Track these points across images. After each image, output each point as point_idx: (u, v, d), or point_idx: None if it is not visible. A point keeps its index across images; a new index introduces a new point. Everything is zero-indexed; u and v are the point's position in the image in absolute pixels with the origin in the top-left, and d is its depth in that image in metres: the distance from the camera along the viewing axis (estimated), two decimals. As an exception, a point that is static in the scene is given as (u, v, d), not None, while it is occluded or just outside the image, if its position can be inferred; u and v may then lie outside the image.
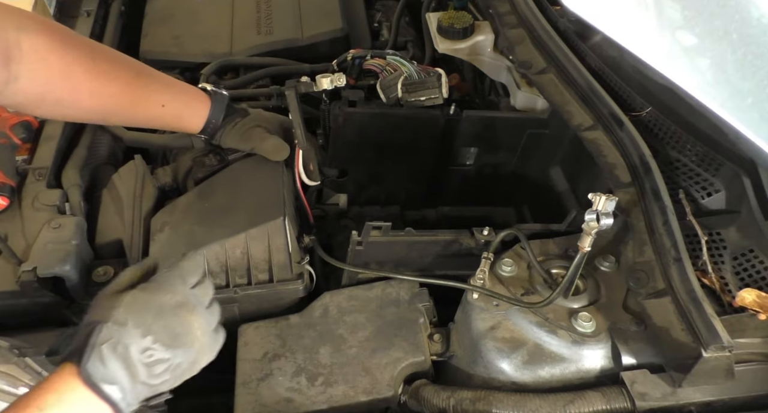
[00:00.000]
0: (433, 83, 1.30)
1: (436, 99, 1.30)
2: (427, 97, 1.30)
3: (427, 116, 1.32)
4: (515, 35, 1.32)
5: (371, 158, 1.40)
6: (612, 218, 0.87)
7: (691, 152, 1.04)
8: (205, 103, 1.14)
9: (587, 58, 1.17)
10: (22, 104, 0.97)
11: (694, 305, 0.85)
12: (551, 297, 0.95)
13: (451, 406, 0.93)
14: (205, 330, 0.82)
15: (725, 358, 0.83)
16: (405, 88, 1.30)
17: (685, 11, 0.81)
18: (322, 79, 1.18)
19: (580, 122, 1.12)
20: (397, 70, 1.33)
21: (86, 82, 0.99)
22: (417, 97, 1.29)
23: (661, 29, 0.79)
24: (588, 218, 0.87)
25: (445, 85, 1.30)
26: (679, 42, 0.80)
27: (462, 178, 1.49)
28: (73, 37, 1.01)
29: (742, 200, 0.97)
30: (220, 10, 1.71)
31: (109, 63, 1.03)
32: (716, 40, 0.82)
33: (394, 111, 1.31)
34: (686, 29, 0.81)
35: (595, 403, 0.88)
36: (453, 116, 1.33)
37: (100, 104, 1.02)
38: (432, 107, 1.32)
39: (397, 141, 1.36)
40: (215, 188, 1.18)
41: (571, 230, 1.10)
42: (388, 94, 1.31)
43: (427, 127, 1.34)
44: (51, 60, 0.94)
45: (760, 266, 0.95)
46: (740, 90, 0.82)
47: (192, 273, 0.84)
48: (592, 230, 0.88)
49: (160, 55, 1.58)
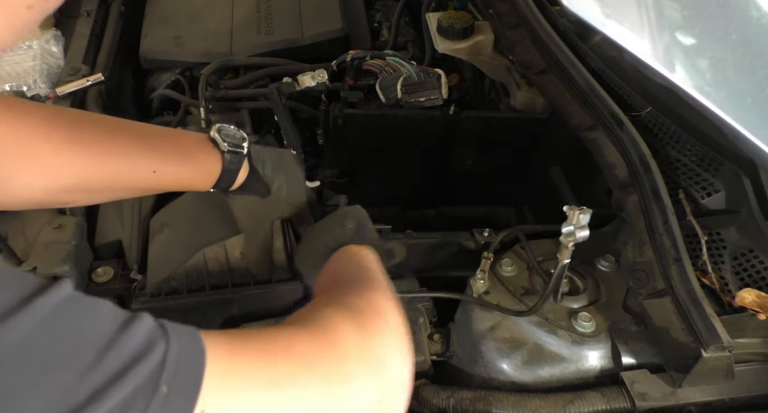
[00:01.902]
0: (433, 84, 1.30)
1: (435, 100, 1.30)
2: (426, 98, 1.30)
3: (426, 116, 1.33)
4: (515, 35, 1.32)
5: (371, 158, 1.41)
6: (587, 231, 0.88)
7: (691, 152, 1.04)
8: (213, 162, 0.90)
9: (587, 58, 1.17)
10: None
11: (694, 305, 0.85)
12: (535, 307, 0.95)
13: (451, 406, 0.93)
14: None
15: (725, 358, 0.83)
16: (404, 88, 1.30)
17: (685, 11, 0.81)
18: (303, 77, 1.17)
19: (580, 122, 1.12)
20: (397, 71, 1.33)
21: (51, 155, 0.77)
22: (416, 97, 1.30)
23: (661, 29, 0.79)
24: (565, 231, 0.88)
25: (444, 85, 1.30)
26: (679, 42, 0.80)
27: (462, 178, 1.49)
28: (23, 103, 0.81)
29: (742, 200, 0.97)
30: (220, 10, 1.71)
31: (77, 127, 0.81)
32: (716, 40, 0.82)
33: (394, 112, 1.31)
34: (686, 29, 0.80)
35: (595, 403, 0.88)
36: (453, 116, 1.33)
37: (73, 178, 0.79)
38: (432, 108, 1.32)
39: (396, 142, 1.36)
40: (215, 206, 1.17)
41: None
42: (387, 94, 1.31)
43: (426, 127, 1.35)
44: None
45: (760, 266, 0.95)
46: (740, 90, 0.82)
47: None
48: (569, 244, 0.89)
49: (160, 55, 1.58)
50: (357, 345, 0.61)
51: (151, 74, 1.62)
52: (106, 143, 0.82)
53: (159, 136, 0.88)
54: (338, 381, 0.57)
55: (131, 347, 0.44)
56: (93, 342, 0.43)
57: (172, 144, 0.88)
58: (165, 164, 0.86)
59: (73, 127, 0.80)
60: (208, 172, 0.90)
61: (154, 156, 0.85)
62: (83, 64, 1.43)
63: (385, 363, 0.62)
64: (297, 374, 0.54)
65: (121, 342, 0.44)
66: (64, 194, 0.81)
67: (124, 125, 0.88)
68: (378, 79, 1.35)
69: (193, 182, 0.91)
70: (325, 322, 0.63)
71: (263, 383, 0.52)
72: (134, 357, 0.44)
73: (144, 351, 0.45)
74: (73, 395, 0.41)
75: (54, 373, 0.41)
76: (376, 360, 0.62)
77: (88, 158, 0.80)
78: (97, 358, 0.43)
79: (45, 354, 0.41)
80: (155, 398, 0.43)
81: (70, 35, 1.53)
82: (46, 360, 0.41)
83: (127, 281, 1.09)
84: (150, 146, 0.85)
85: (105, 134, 0.83)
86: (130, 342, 0.44)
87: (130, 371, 0.43)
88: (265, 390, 0.52)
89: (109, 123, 0.86)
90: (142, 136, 0.86)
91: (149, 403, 0.43)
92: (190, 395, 0.46)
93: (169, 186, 0.91)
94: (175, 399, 0.44)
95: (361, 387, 0.59)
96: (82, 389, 0.41)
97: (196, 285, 1.03)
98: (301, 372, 0.55)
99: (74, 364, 0.42)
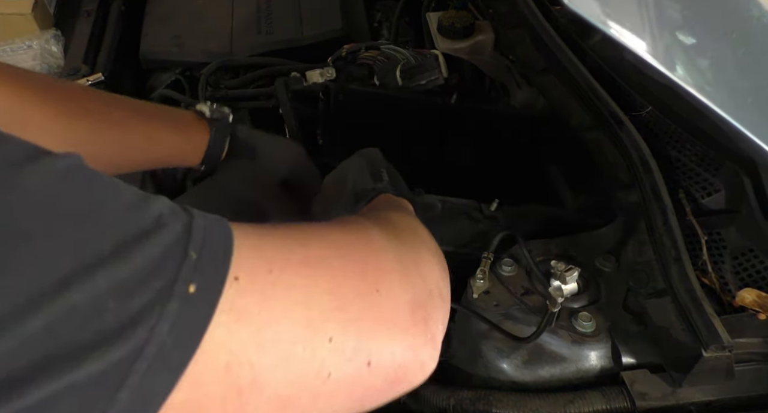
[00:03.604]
0: (431, 64, 1.27)
1: (436, 80, 1.28)
2: (427, 80, 1.27)
3: (428, 102, 1.29)
4: (515, 35, 1.32)
5: (367, 142, 1.38)
6: (574, 284, 0.90)
7: (691, 151, 1.04)
8: (203, 131, 0.96)
9: (587, 59, 1.17)
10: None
11: (694, 305, 0.85)
12: (529, 339, 0.94)
13: (451, 406, 0.93)
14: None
15: (725, 358, 0.83)
16: (403, 74, 1.27)
17: (685, 10, 0.81)
18: (311, 73, 1.17)
19: (579, 122, 1.12)
20: (392, 59, 1.31)
21: (46, 121, 0.77)
22: (417, 81, 1.27)
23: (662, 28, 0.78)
24: (553, 286, 0.90)
25: (443, 64, 1.28)
26: (680, 41, 0.80)
27: (460, 173, 1.48)
28: (17, 70, 0.80)
29: (742, 199, 0.97)
30: (220, 10, 1.71)
31: (71, 94, 0.83)
32: (717, 40, 0.82)
33: (396, 94, 1.28)
34: (687, 28, 0.80)
35: (595, 403, 0.88)
36: (454, 105, 1.30)
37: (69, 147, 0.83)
38: (434, 95, 1.29)
39: (396, 126, 1.33)
40: (214, 187, 1.17)
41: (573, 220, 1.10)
42: (387, 83, 1.29)
43: (426, 113, 1.31)
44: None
45: (760, 266, 0.95)
46: (740, 89, 0.82)
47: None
48: (558, 298, 0.90)
49: (160, 55, 1.58)
50: (395, 248, 0.58)
51: (151, 74, 1.62)
52: (101, 110, 0.84)
53: (151, 108, 0.94)
54: (374, 275, 0.53)
55: (154, 212, 0.40)
56: (113, 202, 0.39)
57: (164, 116, 0.93)
58: (158, 132, 0.89)
59: (68, 94, 0.81)
60: (199, 141, 0.94)
61: (148, 124, 0.88)
62: (83, 64, 1.43)
63: (423, 271, 0.59)
64: (332, 258, 0.51)
65: (143, 207, 0.40)
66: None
67: (116, 97, 0.91)
68: (375, 72, 1.32)
69: (186, 154, 0.95)
70: (359, 225, 0.60)
71: (297, 261, 0.47)
72: (159, 222, 0.39)
73: (169, 217, 0.40)
74: (95, 244, 0.36)
75: (73, 221, 0.36)
76: (413, 264, 0.59)
77: (85, 124, 0.81)
78: (120, 216, 0.38)
79: (62, 203, 0.37)
80: (186, 263, 0.39)
81: (70, 35, 1.53)
82: (64, 207, 0.36)
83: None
84: (144, 116, 0.89)
85: (100, 102, 0.85)
86: (152, 207, 0.40)
87: (154, 234, 0.38)
88: (298, 267, 0.47)
89: (102, 94, 0.91)
90: (136, 107, 0.90)
91: (180, 267, 0.38)
92: (221, 262, 0.41)
93: (162, 157, 0.94)
94: (206, 266, 0.40)
95: (398, 285, 0.55)
96: (105, 241, 0.37)
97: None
98: (337, 258, 0.51)
99: (95, 217, 0.37)
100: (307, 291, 0.47)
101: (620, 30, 0.77)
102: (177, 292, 0.38)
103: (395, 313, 0.54)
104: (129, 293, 0.37)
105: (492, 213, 1.08)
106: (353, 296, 0.50)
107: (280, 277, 0.45)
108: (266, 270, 0.45)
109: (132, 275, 0.37)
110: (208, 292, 0.40)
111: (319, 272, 0.49)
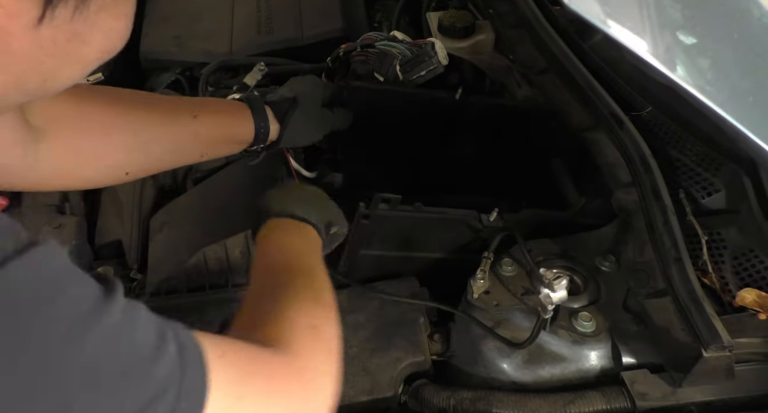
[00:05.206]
0: (428, 54, 1.25)
1: (436, 69, 1.27)
2: (427, 71, 1.26)
3: (432, 97, 1.29)
4: (515, 35, 1.32)
5: (370, 138, 1.37)
6: (564, 292, 0.91)
7: (691, 151, 1.04)
8: (243, 108, 1.01)
9: (587, 59, 1.16)
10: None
11: (694, 305, 0.85)
12: (523, 344, 0.94)
13: (452, 406, 0.93)
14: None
15: (725, 358, 0.83)
16: (402, 68, 1.26)
17: (686, 10, 0.81)
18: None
19: (580, 122, 1.12)
20: (389, 55, 1.30)
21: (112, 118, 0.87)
22: (417, 73, 1.26)
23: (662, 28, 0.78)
24: (543, 294, 0.91)
25: (440, 51, 1.26)
26: (680, 41, 0.80)
27: (463, 167, 1.47)
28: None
29: (742, 199, 0.97)
30: (220, 10, 1.71)
31: (116, 95, 0.93)
32: (717, 40, 0.82)
33: (401, 89, 1.27)
34: (687, 28, 0.80)
35: (595, 403, 0.88)
36: (459, 100, 1.30)
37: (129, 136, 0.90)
38: (438, 90, 1.28)
39: (400, 122, 1.31)
40: (214, 187, 1.18)
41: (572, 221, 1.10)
42: (388, 78, 1.29)
43: (431, 107, 1.30)
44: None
45: (760, 266, 0.95)
46: (740, 89, 0.82)
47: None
48: (548, 305, 0.90)
49: (160, 55, 1.58)
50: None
51: (151, 74, 1.62)
52: (148, 99, 0.96)
53: (197, 101, 1.04)
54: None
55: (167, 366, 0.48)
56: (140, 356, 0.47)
57: (205, 100, 1.04)
58: (204, 110, 0.95)
59: (113, 95, 0.91)
60: (243, 118, 0.99)
61: (194, 103, 0.98)
62: (83, 63, 1.43)
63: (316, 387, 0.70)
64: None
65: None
66: (123, 156, 0.89)
67: (158, 96, 1.03)
68: (374, 69, 1.31)
69: (233, 130, 0.99)
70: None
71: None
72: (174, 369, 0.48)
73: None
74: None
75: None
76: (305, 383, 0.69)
77: (137, 112, 0.90)
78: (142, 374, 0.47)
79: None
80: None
81: (70, 35, 1.53)
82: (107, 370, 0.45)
83: (127, 281, 1.09)
84: (187, 100, 1.02)
85: (144, 96, 0.97)
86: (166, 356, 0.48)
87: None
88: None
89: (141, 93, 1.01)
90: (177, 97, 1.03)
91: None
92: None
93: (212, 134, 0.96)
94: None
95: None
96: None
97: (196, 284, 1.03)
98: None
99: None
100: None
101: (620, 30, 0.77)
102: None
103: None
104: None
105: (491, 223, 1.09)
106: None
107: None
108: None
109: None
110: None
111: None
